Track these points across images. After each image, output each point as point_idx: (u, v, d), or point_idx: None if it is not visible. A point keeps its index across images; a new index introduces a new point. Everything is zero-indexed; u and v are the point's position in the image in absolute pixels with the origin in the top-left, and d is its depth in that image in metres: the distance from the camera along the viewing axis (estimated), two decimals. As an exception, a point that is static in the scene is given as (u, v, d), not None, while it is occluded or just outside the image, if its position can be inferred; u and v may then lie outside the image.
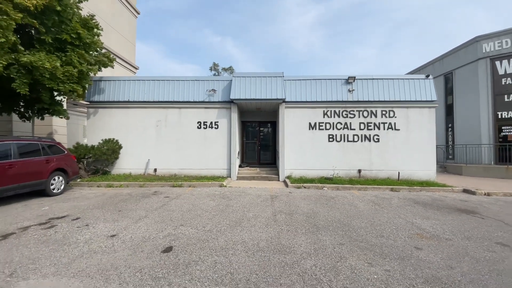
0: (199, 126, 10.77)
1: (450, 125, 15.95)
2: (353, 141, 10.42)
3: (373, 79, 10.56)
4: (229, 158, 10.59)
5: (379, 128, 10.34)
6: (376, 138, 10.33)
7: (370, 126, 10.38)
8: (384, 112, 10.35)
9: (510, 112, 13.10)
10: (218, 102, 10.74)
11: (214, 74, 58.80)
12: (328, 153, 10.45)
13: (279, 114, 10.74)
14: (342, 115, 10.54)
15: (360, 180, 9.54)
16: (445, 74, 16.40)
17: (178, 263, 3.15)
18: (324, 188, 8.64)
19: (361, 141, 10.39)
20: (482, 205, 6.61)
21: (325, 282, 2.73)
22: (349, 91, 10.48)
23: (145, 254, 3.39)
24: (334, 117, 10.58)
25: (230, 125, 10.67)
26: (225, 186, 8.83)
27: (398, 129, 10.25)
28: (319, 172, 10.34)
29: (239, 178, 10.55)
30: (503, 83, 13.32)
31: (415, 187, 8.50)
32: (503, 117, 13.15)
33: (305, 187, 8.72)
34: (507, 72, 13.22)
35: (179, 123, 10.77)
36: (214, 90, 10.75)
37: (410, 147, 10.17)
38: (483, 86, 13.69)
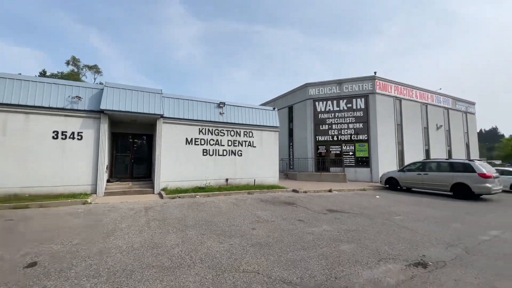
0: (55, 136, 9.36)
1: (291, 143, 21.56)
2: (223, 155, 12.39)
3: (238, 106, 13.13)
4: (95, 173, 9.79)
5: (242, 145, 12.88)
6: (240, 153, 12.80)
7: (236, 143, 12.75)
8: (245, 133, 13.05)
9: (323, 136, 19.51)
10: (84, 110, 9.83)
11: (73, 71, 48.51)
12: (202, 165, 11.83)
13: (156, 128, 11.14)
14: (215, 133, 12.33)
15: (227, 187, 11.49)
16: (289, 106, 22.16)
17: (49, 272, 3.33)
18: (197, 196, 9.83)
19: (229, 155, 12.53)
20: (299, 199, 9.89)
21: (187, 259, 3.84)
22: (220, 113, 12.49)
23: (4, 272, 3.26)
24: (208, 134, 12.19)
25: (98, 136, 9.96)
26: (90, 203, 8.23)
27: (255, 146, 13.21)
28: (194, 183, 11.49)
29: (107, 194, 9.92)
30: (319, 117, 19.72)
31: (264, 190, 11.31)
32: (319, 139, 19.43)
33: (179, 197, 9.57)
34: (322, 110, 19.73)
35: (26, 132, 8.95)
36: (79, 97, 9.78)
37: (263, 160, 13.30)
38: (309, 117, 19.68)
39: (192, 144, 11.79)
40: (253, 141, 13.18)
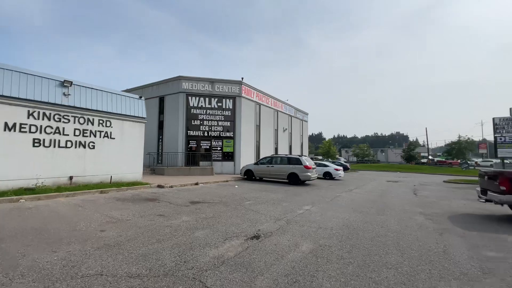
0: None
1: (161, 137, 20.51)
2: (66, 147, 10.03)
3: (93, 88, 11.04)
4: None
5: (95, 136, 10.95)
6: (92, 145, 10.82)
7: (87, 133, 10.66)
8: (101, 122, 11.17)
9: (195, 131, 19.85)
10: None
11: None
12: (32, 159, 9.07)
13: None
14: (54, 119, 9.75)
15: (70, 187, 9.43)
16: (160, 96, 20.93)
17: None
18: (21, 200, 7.49)
19: (76, 147, 10.31)
20: (164, 194, 9.72)
21: (1, 278, 2.99)
22: (65, 94, 10.02)
23: None
24: (43, 119, 9.48)
25: None
26: None
27: (114, 138, 11.60)
28: (19, 183, 8.64)
29: None
30: (192, 112, 19.91)
31: (123, 187, 10.22)
32: (191, 134, 19.65)
33: (-13, 203, 6.94)
34: (195, 105, 19.99)
35: None
36: None
37: (123, 154, 11.90)
38: (181, 112, 19.46)
39: (16, 131, 8.81)
40: (111, 132, 11.49)
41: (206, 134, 19.92)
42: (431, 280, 3.21)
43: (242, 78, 21.33)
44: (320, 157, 48.26)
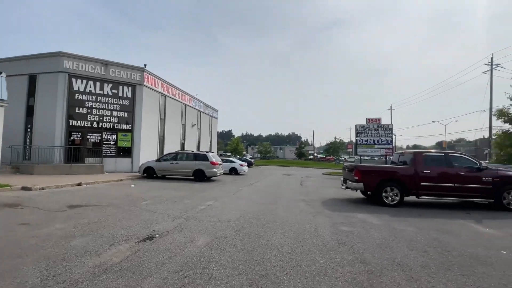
0: None
1: (29, 126, 16.00)
2: None
3: None
4: None
5: None
6: None
7: None
8: None
9: (80, 121, 16.51)
10: None
11: None
12: None
13: None
14: None
15: None
16: (31, 75, 16.27)
17: None
18: None
19: None
20: (31, 198, 7.70)
21: None
22: None
23: None
24: None
25: None
26: None
27: None
28: None
29: None
30: (77, 97, 16.45)
31: (-42, 192, 7.43)
32: (73, 124, 16.23)
33: None
34: (80, 89, 16.59)
35: None
36: None
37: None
38: (61, 96, 15.78)
39: None
40: None
41: (95, 125, 16.94)
42: (302, 255, 3.92)
43: (145, 65, 19.36)
44: (229, 154, 49.81)
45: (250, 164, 28.72)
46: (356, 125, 21.04)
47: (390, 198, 8.11)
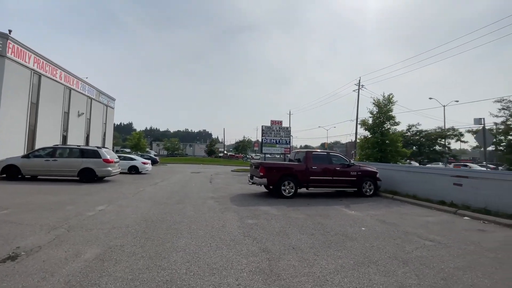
0: None
1: None
2: None
3: None
4: None
5: None
6: None
7: None
8: None
9: None
10: None
11: None
12: None
13: None
14: None
15: None
16: None
17: None
18: None
19: None
20: None
21: None
22: None
23: None
24: None
25: None
26: None
27: None
28: None
29: None
30: None
31: None
32: None
33: None
34: None
35: None
36: None
37: None
38: None
39: None
40: None
41: None
42: (210, 252, 3.92)
43: (10, 31, 14.60)
44: (128, 150, 44.04)
45: (154, 162, 26.34)
46: (262, 126, 22.86)
47: (287, 191, 9.25)
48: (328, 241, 4.65)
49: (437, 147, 32.34)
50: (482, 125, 13.90)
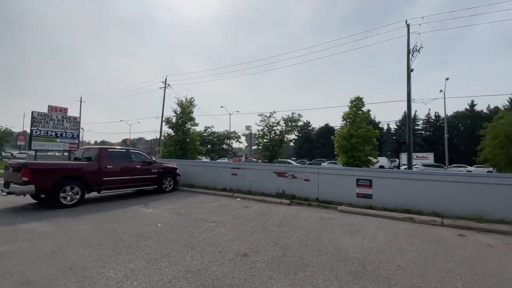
0: None
1: None
2: None
3: None
4: None
5: None
6: None
7: None
8: None
9: None
10: None
11: None
12: None
13: None
14: None
15: None
16: None
17: None
18: None
19: None
20: None
21: None
22: None
23: None
24: None
25: None
26: None
27: None
28: None
29: None
30: None
31: None
32: None
33: None
34: None
35: None
36: None
37: None
38: None
39: None
40: None
41: None
42: None
43: None
44: None
45: None
46: (33, 112, 16.52)
47: (69, 198, 7.36)
48: (119, 248, 4.25)
49: (225, 146, 40.47)
50: (249, 131, 19.20)
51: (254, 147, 22.90)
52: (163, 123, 22.71)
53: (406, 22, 18.41)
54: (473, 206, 6.63)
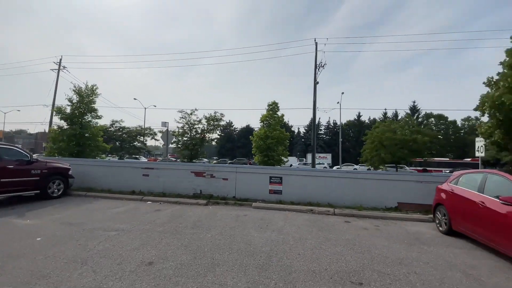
0: None
1: None
2: None
3: None
4: None
5: None
6: None
7: None
8: None
9: None
10: None
11: None
12: None
13: None
14: None
15: None
16: None
17: None
18: None
19: None
20: None
21: None
22: None
23: None
24: None
25: None
26: None
27: None
28: None
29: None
30: None
31: None
32: None
33: None
34: None
35: None
36: None
37: None
38: None
39: None
40: None
41: None
42: None
43: None
44: None
45: None
46: None
47: None
48: (-33, 276, 3.15)
49: (137, 143, 36.37)
50: (166, 128, 17.91)
51: (173, 146, 21.49)
52: (54, 114, 18.37)
53: (315, 40, 21.21)
54: (356, 197, 8.20)
